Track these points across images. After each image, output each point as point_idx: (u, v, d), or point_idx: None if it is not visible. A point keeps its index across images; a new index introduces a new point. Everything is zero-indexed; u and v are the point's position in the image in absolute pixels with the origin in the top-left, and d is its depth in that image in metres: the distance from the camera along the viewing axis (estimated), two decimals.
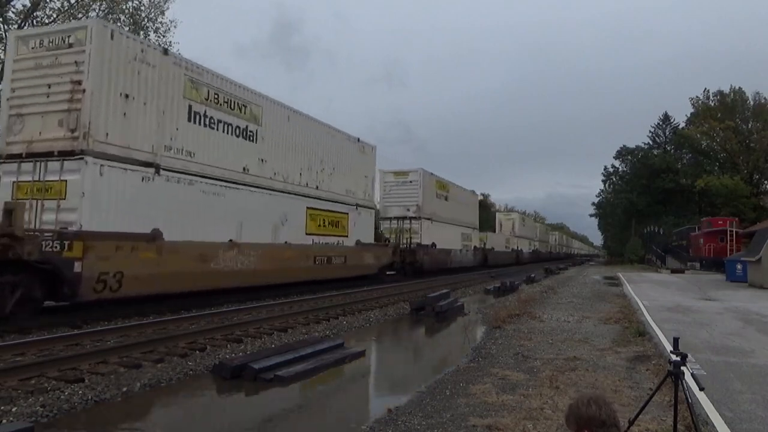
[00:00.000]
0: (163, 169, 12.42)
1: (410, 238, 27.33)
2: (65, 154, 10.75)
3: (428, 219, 28.98)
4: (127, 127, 11.58)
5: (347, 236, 21.37)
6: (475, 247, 38.48)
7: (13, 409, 5.52)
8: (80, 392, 6.19)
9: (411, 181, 28.54)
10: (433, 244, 29.12)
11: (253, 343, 9.59)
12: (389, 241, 26.55)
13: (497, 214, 63.94)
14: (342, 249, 20.67)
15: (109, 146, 11.12)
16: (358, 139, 22.66)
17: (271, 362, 7.56)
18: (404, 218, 28.04)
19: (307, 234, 18.52)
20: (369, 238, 23.60)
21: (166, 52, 12.91)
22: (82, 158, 10.64)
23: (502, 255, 46.80)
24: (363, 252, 22.38)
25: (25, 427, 4.63)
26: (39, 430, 5.03)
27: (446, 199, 32.50)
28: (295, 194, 17.79)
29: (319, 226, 19.46)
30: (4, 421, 5.20)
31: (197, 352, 8.53)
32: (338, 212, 20.80)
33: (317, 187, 19.28)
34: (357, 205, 22.26)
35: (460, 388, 6.60)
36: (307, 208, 18.60)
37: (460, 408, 5.76)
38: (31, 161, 10.99)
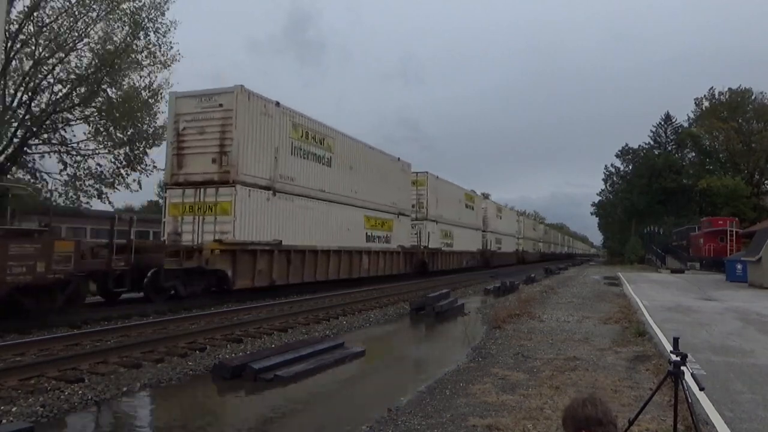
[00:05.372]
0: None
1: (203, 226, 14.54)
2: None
3: (264, 188, 15.51)
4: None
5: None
6: (402, 247, 25.44)
7: (13, 409, 5.52)
8: (80, 392, 6.19)
9: (221, 105, 14.62)
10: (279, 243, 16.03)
11: (253, 343, 9.60)
12: None
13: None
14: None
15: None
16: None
17: (271, 362, 7.57)
18: (206, 185, 14.58)
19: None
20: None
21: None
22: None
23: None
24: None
25: (25, 427, 4.65)
26: (39, 430, 5.04)
27: (321, 161, 18.56)
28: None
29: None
30: (4, 421, 5.20)
31: (197, 352, 8.54)
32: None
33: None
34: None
35: (460, 388, 6.60)
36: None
37: (460, 408, 5.75)
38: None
